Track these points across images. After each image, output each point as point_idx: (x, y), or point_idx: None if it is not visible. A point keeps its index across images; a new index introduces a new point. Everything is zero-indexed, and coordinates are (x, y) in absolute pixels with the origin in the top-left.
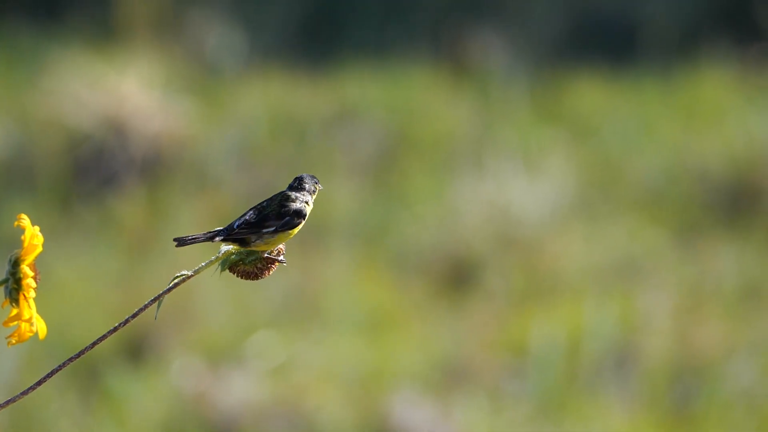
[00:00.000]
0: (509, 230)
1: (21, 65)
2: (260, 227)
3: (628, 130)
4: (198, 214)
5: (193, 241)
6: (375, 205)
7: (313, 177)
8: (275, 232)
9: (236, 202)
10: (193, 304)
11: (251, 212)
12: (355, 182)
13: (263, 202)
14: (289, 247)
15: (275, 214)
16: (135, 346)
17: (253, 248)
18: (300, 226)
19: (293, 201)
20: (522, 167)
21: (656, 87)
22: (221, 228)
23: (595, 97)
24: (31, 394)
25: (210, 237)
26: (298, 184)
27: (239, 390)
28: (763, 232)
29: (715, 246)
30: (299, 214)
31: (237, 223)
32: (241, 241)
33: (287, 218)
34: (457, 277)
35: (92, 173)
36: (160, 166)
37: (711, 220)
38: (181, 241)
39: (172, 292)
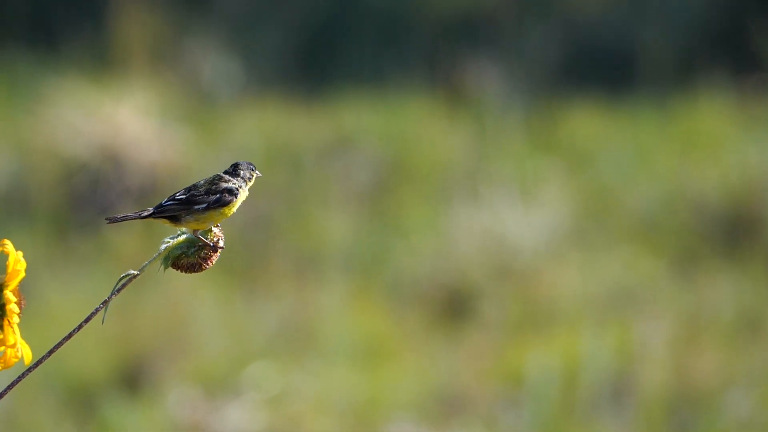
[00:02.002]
0: (505, 259)
1: (18, 94)
2: (191, 204)
3: (624, 160)
4: None
5: (125, 218)
6: (370, 234)
7: (250, 164)
8: (206, 209)
9: (232, 231)
10: (188, 334)
11: (182, 191)
12: (351, 211)
13: (198, 182)
14: (284, 277)
15: (205, 192)
16: (131, 376)
17: (185, 226)
18: (233, 207)
19: (226, 182)
20: (518, 196)
21: (653, 116)
22: (154, 207)
23: (591, 127)
24: (28, 423)
25: (141, 215)
26: (233, 170)
27: (235, 420)
28: (761, 262)
29: (712, 276)
30: (230, 192)
31: (166, 201)
32: (172, 218)
33: (218, 195)
34: (453, 307)
35: (88, 202)
36: (156, 195)
37: (708, 250)
38: (112, 219)
39: (167, 321)
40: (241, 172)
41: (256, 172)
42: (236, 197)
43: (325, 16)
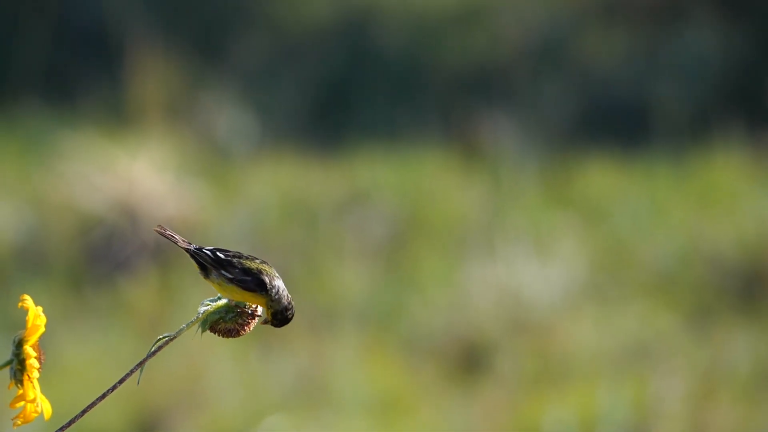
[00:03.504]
0: (520, 314)
1: (34, 149)
2: (223, 266)
3: (639, 214)
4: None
5: (172, 239)
6: (385, 288)
7: (291, 305)
8: (230, 281)
9: None
10: (204, 389)
11: (232, 252)
12: (366, 266)
13: (253, 257)
14: (299, 331)
15: (243, 268)
16: (147, 430)
17: (209, 282)
18: (254, 298)
19: (269, 276)
20: (533, 251)
21: (668, 171)
22: (196, 246)
23: (607, 181)
24: None
25: (184, 245)
26: (286, 290)
27: None
28: None
29: (728, 331)
30: (260, 283)
31: (209, 248)
32: (202, 267)
33: (249, 278)
34: (469, 361)
35: (104, 257)
36: (171, 250)
37: (724, 305)
38: (161, 232)
39: (183, 375)
40: (287, 300)
41: (289, 321)
42: (261, 291)
43: (339, 71)
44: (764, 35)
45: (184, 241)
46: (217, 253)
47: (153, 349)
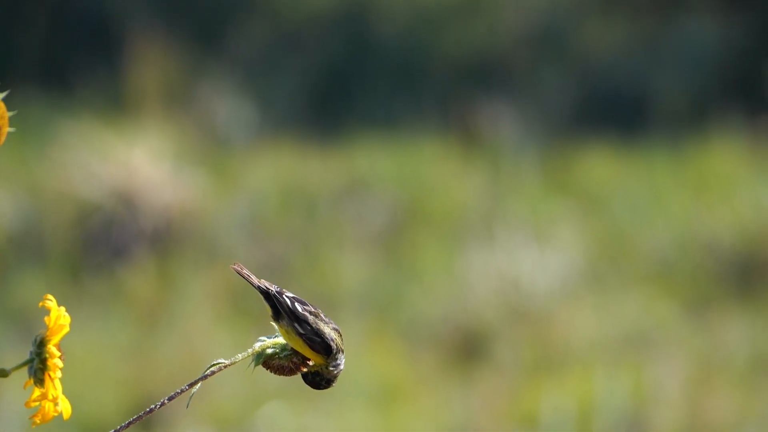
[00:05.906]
0: (519, 302)
1: (32, 137)
2: (298, 321)
3: (638, 202)
4: (208, 287)
5: (248, 279)
6: (385, 277)
7: (333, 382)
8: (300, 335)
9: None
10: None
11: (309, 308)
12: (365, 254)
13: (330, 323)
14: None
15: (317, 330)
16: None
17: (277, 326)
18: (318, 359)
19: (336, 345)
20: (532, 239)
21: (666, 159)
22: (274, 288)
23: (605, 169)
24: None
25: (260, 288)
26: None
27: None
28: None
29: (726, 318)
30: (327, 349)
31: (290, 295)
32: (276, 312)
33: (318, 339)
34: (468, 349)
35: (102, 245)
36: (170, 238)
37: (722, 292)
38: (238, 271)
39: (182, 363)
40: (333, 376)
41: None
42: (324, 354)
43: (338, 60)
44: (763, 24)
45: (260, 282)
46: (296, 305)
47: (207, 373)
